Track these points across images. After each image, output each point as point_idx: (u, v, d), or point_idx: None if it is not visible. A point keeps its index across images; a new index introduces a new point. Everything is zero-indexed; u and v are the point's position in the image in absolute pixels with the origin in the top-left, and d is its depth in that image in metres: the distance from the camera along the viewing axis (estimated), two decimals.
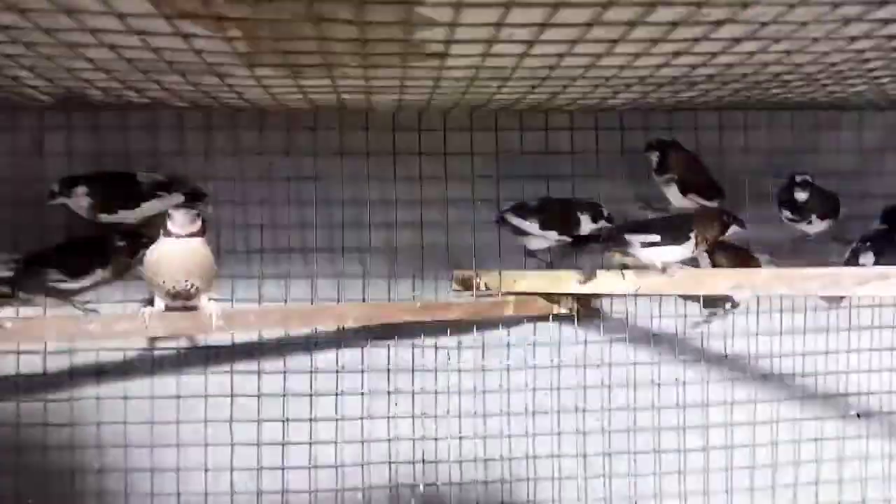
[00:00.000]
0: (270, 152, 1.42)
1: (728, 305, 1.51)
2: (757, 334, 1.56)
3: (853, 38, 0.87)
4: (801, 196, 1.38)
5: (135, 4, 0.70)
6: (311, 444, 1.44)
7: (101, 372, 1.40)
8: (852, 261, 1.38)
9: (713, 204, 1.44)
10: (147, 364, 1.41)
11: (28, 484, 1.37)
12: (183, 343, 1.41)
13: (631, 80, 1.05)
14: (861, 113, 1.56)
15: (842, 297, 1.52)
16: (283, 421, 1.43)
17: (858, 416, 1.60)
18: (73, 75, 1.00)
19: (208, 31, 0.76)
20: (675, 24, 0.77)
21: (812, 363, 1.57)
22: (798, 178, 1.38)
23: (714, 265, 1.39)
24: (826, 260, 1.45)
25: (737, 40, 0.84)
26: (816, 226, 1.44)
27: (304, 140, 1.43)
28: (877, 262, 1.32)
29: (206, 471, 1.41)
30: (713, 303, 1.52)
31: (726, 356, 1.55)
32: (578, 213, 1.39)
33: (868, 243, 1.39)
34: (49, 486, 1.38)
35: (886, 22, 0.81)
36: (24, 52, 0.88)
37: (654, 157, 1.43)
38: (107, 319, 1.22)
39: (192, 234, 1.07)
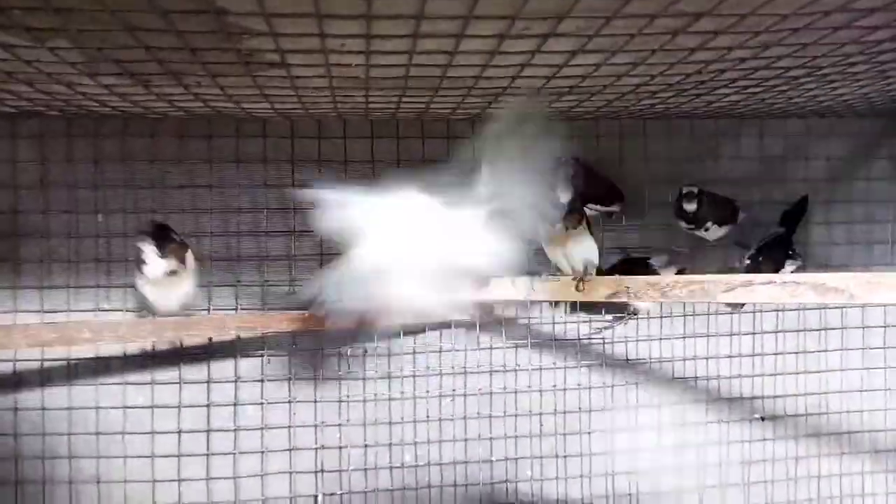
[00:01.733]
0: (162, 160, 1.41)
1: (631, 309, 1.52)
2: (660, 339, 1.57)
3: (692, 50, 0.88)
4: (689, 207, 1.41)
5: None
6: (207, 455, 1.43)
7: None
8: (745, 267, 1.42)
9: (614, 208, 1.47)
10: (37, 375, 1.39)
11: None
12: (74, 353, 1.39)
13: (489, 90, 1.05)
14: (762, 121, 1.58)
15: (742, 303, 1.54)
16: (178, 433, 1.42)
17: (763, 419, 1.62)
18: None
19: (25, 42, 0.74)
20: (502, 37, 0.77)
21: (716, 367, 1.59)
22: (685, 190, 1.41)
23: None
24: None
25: (573, 53, 0.84)
26: (714, 232, 1.47)
27: (198, 147, 1.42)
28: (761, 269, 1.34)
29: (99, 482, 1.39)
30: (616, 309, 1.53)
31: (628, 360, 1.56)
32: None
33: (748, 258, 1.44)
34: None
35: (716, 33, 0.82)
36: None
37: None
38: None
39: None
